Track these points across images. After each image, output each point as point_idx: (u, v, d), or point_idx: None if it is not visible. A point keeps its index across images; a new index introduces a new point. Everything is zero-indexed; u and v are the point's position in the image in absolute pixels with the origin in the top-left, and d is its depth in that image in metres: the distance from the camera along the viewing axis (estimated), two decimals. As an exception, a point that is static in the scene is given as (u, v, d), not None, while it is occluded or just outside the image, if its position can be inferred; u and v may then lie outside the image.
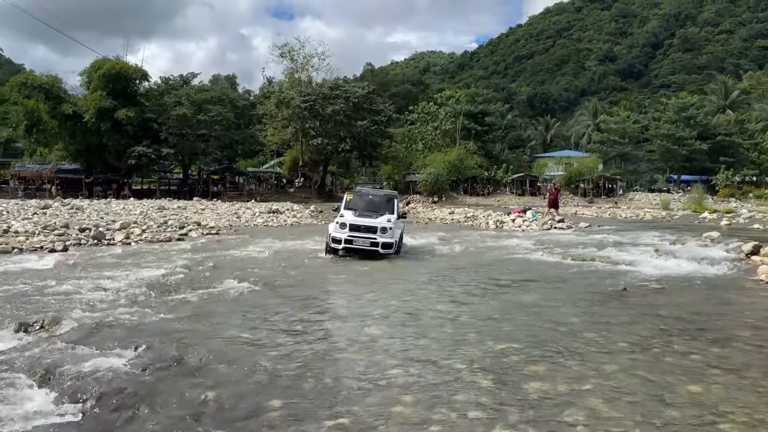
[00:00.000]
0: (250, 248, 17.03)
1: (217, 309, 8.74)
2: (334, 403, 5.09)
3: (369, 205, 15.83)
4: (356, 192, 16.93)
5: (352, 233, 14.53)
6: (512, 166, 67.11)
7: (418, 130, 65.49)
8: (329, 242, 14.84)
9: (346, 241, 14.54)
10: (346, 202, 15.88)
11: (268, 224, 26.75)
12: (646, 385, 5.62)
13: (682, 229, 25.51)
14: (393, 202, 16.19)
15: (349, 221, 14.75)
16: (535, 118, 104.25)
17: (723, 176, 58.26)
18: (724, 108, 73.94)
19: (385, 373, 5.86)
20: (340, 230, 14.62)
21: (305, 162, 57.88)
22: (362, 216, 14.98)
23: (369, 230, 14.61)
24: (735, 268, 13.61)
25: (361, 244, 14.53)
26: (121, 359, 6.04)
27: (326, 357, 6.40)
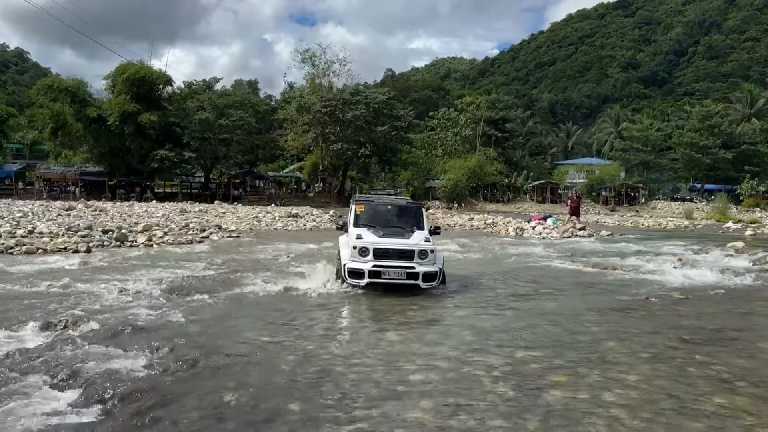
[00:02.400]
0: (270, 251, 17.12)
1: (237, 311, 8.80)
2: (353, 408, 5.08)
3: (389, 220, 11.36)
4: (367, 202, 11.78)
5: (380, 261, 10.16)
6: (533, 173, 66.73)
7: (438, 136, 65.42)
8: (344, 274, 10.36)
9: (371, 274, 10.08)
10: (355, 215, 11.31)
11: (287, 228, 26.87)
12: (669, 395, 5.54)
13: (706, 239, 25.13)
14: (420, 214, 11.59)
15: (372, 244, 10.23)
16: (556, 125, 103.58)
17: (747, 185, 57.31)
18: (749, 116, 72.75)
19: (405, 378, 5.85)
20: (359, 258, 10.14)
21: (325, 167, 58.09)
22: (388, 236, 10.52)
23: (402, 256, 10.24)
24: (760, 279, 13.38)
25: (393, 277, 10.13)
26: (142, 360, 6.11)
27: (345, 362, 6.40)
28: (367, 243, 10.29)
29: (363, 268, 10.11)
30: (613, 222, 40.53)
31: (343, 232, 11.55)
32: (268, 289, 10.67)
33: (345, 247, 10.78)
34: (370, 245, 10.25)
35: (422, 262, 10.27)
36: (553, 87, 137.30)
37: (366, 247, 10.24)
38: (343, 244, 11.24)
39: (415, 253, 10.29)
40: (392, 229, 10.96)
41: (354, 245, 10.26)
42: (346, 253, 10.50)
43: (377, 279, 10.14)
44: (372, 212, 11.44)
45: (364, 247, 10.24)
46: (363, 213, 11.35)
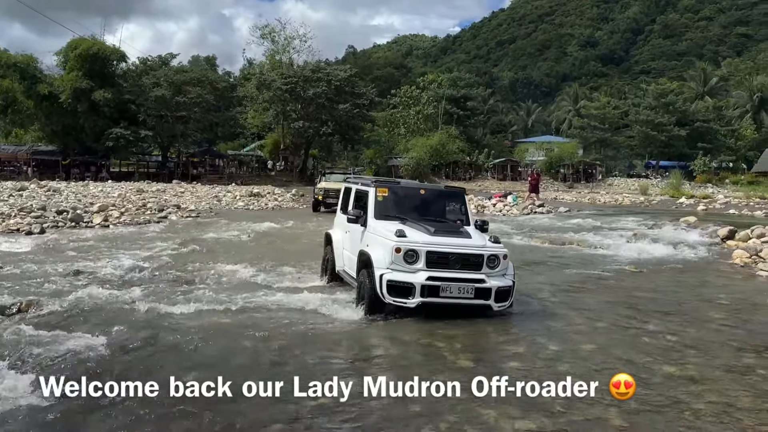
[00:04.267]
0: (232, 231, 16.93)
1: (199, 292, 8.69)
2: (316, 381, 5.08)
3: (424, 211, 8.27)
4: (392, 184, 8.71)
5: (436, 272, 7.03)
6: (494, 151, 67.30)
7: (401, 114, 65.30)
8: (381, 290, 7.04)
9: (426, 290, 6.97)
10: (375, 203, 8.06)
11: (249, 207, 26.62)
12: (624, 364, 5.73)
13: (660, 214, 25.88)
14: (464, 202, 8.65)
15: (423, 245, 7.09)
16: (516, 103, 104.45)
17: (700, 162, 59.03)
18: (702, 94, 74.69)
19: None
20: (403, 265, 7.02)
21: (286, 145, 57.47)
22: (441, 233, 7.40)
23: (467, 263, 7.15)
24: (711, 252, 13.88)
25: (456, 294, 7.03)
26: (101, 341, 5.99)
27: (307, 338, 6.41)
28: (416, 243, 7.02)
29: (412, 281, 6.88)
30: (571, 198, 41.39)
31: (358, 224, 8.00)
32: (230, 269, 10.57)
33: (376, 248, 7.30)
34: (422, 247, 6.99)
35: (492, 272, 7.12)
36: (513, 65, 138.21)
37: (415, 249, 6.96)
38: (347, 240, 8.53)
39: (484, 260, 7.09)
40: (436, 224, 7.70)
41: (396, 246, 6.96)
42: (380, 255, 7.13)
43: (434, 298, 6.94)
44: (400, 199, 8.23)
45: (411, 250, 6.96)
46: (387, 200, 8.10)
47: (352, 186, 9.04)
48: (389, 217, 7.84)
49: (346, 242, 8.63)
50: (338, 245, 8.91)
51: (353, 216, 8.04)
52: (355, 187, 8.84)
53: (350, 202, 8.80)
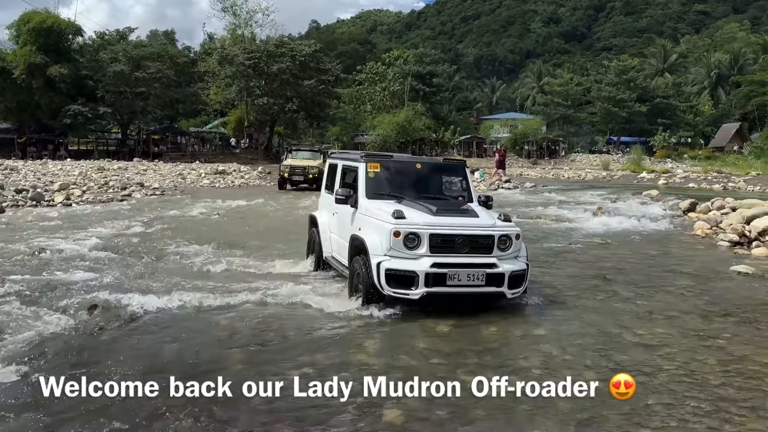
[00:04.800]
0: (200, 209, 16.68)
1: (171, 269, 8.57)
2: (295, 354, 5.09)
3: (422, 187, 7.40)
4: (385, 159, 7.68)
5: (441, 257, 6.13)
6: (459, 128, 67.59)
7: (366, 91, 64.91)
8: (378, 281, 6.15)
9: (431, 279, 6.04)
10: (366, 180, 7.11)
11: (214, 185, 26.25)
12: (598, 330, 5.89)
13: (623, 189, 26.48)
14: (465, 176, 7.75)
15: (425, 227, 6.18)
16: (481, 80, 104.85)
17: (660, 138, 60.34)
18: (662, 71, 76.12)
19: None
20: (404, 251, 6.14)
21: (250, 122, 56.59)
22: (444, 212, 6.46)
23: (475, 246, 6.26)
24: (673, 224, 14.30)
25: (465, 282, 6.12)
26: (73, 320, 5.88)
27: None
28: (417, 225, 6.10)
29: (415, 269, 5.98)
30: (536, 174, 41.97)
31: (347, 205, 7.05)
32: (200, 247, 10.42)
33: (370, 231, 6.42)
34: (424, 229, 6.08)
35: (504, 255, 6.27)
36: (477, 42, 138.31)
37: (416, 232, 6.06)
38: (334, 223, 7.69)
39: (495, 241, 6.22)
40: (437, 202, 6.82)
41: (395, 229, 6.04)
42: (375, 240, 6.24)
43: (440, 287, 6.01)
44: (394, 175, 7.31)
45: (412, 233, 6.06)
46: (379, 176, 7.16)
47: (337, 162, 8.01)
48: (383, 195, 6.94)
49: (333, 225, 7.73)
50: (325, 229, 8.00)
51: (342, 196, 6.99)
52: (342, 162, 7.84)
53: (336, 180, 7.82)
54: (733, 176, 34.41)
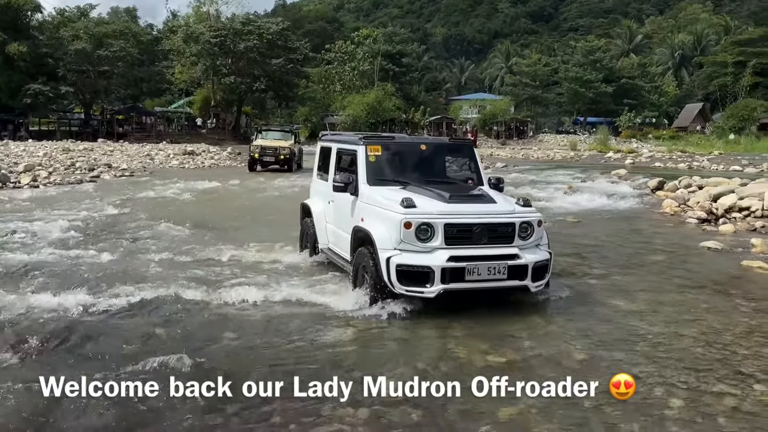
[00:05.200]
0: (172, 190, 16.44)
1: (150, 249, 8.48)
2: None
3: (428, 170, 6.73)
4: (385, 141, 6.92)
5: (458, 249, 5.52)
6: (429, 109, 67.61)
7: (336, 71, 64.30)
8: (388, 277, 5.49)
9: (448, 275, 5.42)
10: (368, 167, 6.42)
11: (184, 166, 25.86)
12: (577, 304, 6.08)
13: (591, 168, 26.98)
14: (474, 157, 7.09)
15: (439, 216, 5.54)
16: (450, 60, 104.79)
17: (626, 118, 61.36)
18: (628, 52, 77.14)
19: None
20: (416, 243, 5.49)
21: (217, 102, 55.70)
22: (458, 199, 5.85)
23: (495, 234, 5.66)
24: (642, 203, 14.68)
25: (486, 276, 5.53)
26: (60, 301, 5.78)
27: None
28: (430, 215, 5.47)
29: (430, 264, 5.36)
30: (506, 155, 42.40)
31: (346, 192, 6.37)
32: (176, 227, 10.31)
33: (366, 220, 5.94)
34: (438, 219, 5.46)
35: (525, 244, 5.68)
36: (446, 21, 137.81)
37: (429, 222, 5.43)
38: (331, 213, 7.06)
39: (516, 229, 5.63)
40: (447, 187, 6.20)
41: (406, 220, 5.40)
42: (382, 232, 5.60)
43: (458, 283, 5.42)
44: (397, 158, 6.69)
45: (425, 224, 5.42)
46: (380, 160, 6.50)
47: (331, 145, 7.26)
48: (385, 181, 6.31)
49: (330, 215, 7.11)
50: (319, 219, 7.35)
51: (341, 183, 6.36)
52: (337, 145, 7.10)
53: (331, 165, 7.12)
54: (696, 155, 35.33)
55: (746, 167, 26.32)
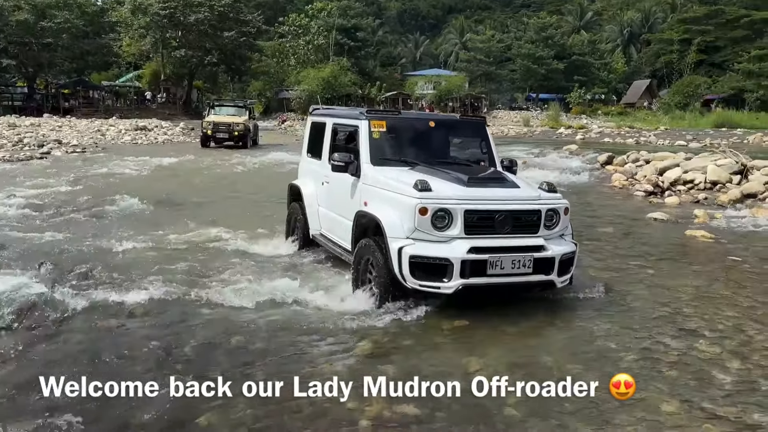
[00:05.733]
0: (127, 166, 16.18)
1: (113, 225, 8.44)
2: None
3: (438, 150, 6.17)
4: (390, 117, 6.16)
5: (479, 239, 4.87)
6: (385, 84, 67.49)
7: (290, 44, 63.35)
8: (398, 269, 4.84)
9: (469, 268, 4.77)
10: (371, 144, 5.76)
11: (137, 142, 25.34)
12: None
13: (543, 144, 27.62)
14: (487, 136, 6.40)
15: (458, 201, 4.87)
16: (404, 35, 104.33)
17: (576, 94, 62.60)
18: (578, 29, 78.35)
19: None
20: (432, 232, 4.83)
21: (167, 76, 54.24)
22: (477, 182, 5.22)
23: (520, 224, 5.03)
24: (593, 177, 15.25)
25: (510, 270, 4.90)
26: (25, 278, 5.77)
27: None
28: (448, 200, 4.85)
29: (448, 256, 4.74)
30: (461, 130, 42.71)
31: (346, 174, 5.71)
32: (137, 203, 10.24)
33: (371, 205, 5.32)
34: (457, 204, 4.83)
35: (550, 234, 5.11)
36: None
37: (447, 208, 4.80)
38: (325, 195, 6.42)
39: (542, 217, 5.04)
40: (461, 167, 5.69)
41: (421, 205, 4.78)
42: (391, 218, 4.96)
43: (479, 278, 4.81)
44: (403, 135, 6.04)
45: (443, 210, 4.80)
46: (385, 137, 5.85)
47: (325, 120, 6.59)
48: (390, 161, 5.69)
49: (323, 198, 6.47)
50: (311, 202, 6.66)
51: (340, 162, 5.66)
52: (332, 120, 6.44)
53: (325, 143, 6.45)
54: (644, 131, 36.52)
55: (690, 142, 27.44)
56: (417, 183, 4.89)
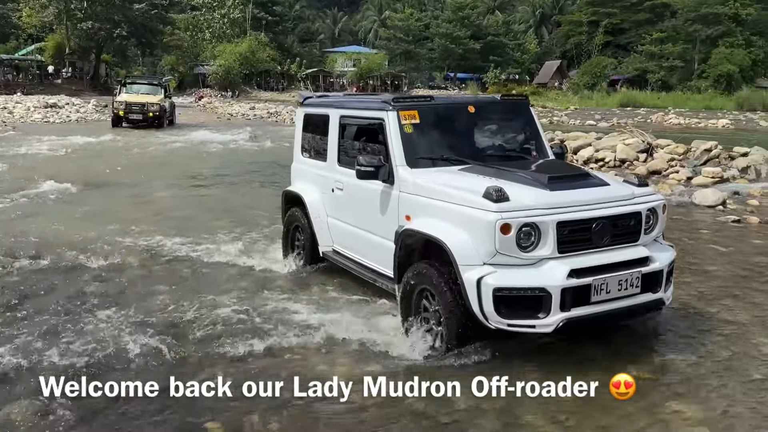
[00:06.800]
0: (44, 146, 15.49)
1: (43, 210, 8.24)
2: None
3: (483, 144, 4.99)
4: (423, 105, 4.69)
5: (578, 257, 3.76)
6: (305, 61, 66.71)
7: (204, 18, 61.29)
8: (478, 306, 3.68)
9: (571, 297, 3.66)
10: (405, 142, 4.44)
11: (49, 120, 24.06)
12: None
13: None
14: (531, 118, 5.13)
15: (548, 212, 3.71)
16: (322, 10, 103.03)
17: (492, 74, 64.40)
18: (493, 9, 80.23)
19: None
20: (520, 254, 3.68)
21: (72, 49, 51.28)
22: (559, 182, 3.99)
23: (619, 232, 3.93)
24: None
25: (617, 294, 3.80)
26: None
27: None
28: (532, 209, 3.74)
29: (544, 285, 3.67)
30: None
31: (377, 179, 4.49)
32: (63, 186, 9.97)
33: (418, 219, 4.17)
34: (547, 216, 3.73)
35: (648, 238, 4.15)
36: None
37: (535, 222, 3.71)
38: (337, 205, 5.23)
39: (642, 218, 4.06)
40: (522, 163, 4.69)
41: (503, 221, 3.63)
42: (459, 240, 3.81)
43: (583, 308, 3.75)
44: (441, 127, 4.79)
45: (530, 225, 3.70)
46: (420, 131, 4.59)
47: (327, 111, 5.37)
48: (429, 161, 4.49)
49: (334, 207, 5.28)
50: (318, 212, 5.45)
51: (370, 167, 4.42)
52: (338, 112, 5.21)
53: (331, 141, 5.25)
54: (555, 110, 38.25)
55: (599, 122, 29.12)
56: (490, 191, 3.68)
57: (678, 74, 53.02)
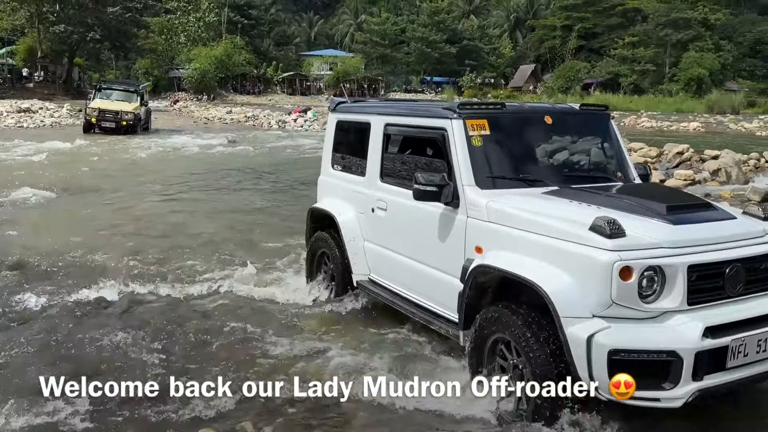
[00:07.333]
0: (18, 151, 15.30)
1: (22, 216, 8.16)
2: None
3: (565, 161, 4.15)
4: (494, 113, 3.97)
5: (710, 309, 2.98)
6: (281, 64, 66.54)
7: (179, 21, 60.74)
8: (588, 371, 2.87)
9: (706, 362, 2.84)
10: (473, 158, 3.66)
11: (22, 125, 23.74)
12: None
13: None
14: (611, 132, 4.39)
15: (677, 252, 2.94)
16: (298, 13, 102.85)
17: (468, 78, 64.99)
18: (468, 13, 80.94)
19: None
20: (640, 305, 2.87)
21: (45, 53, 50.46)
22: (678, 215, 3.15)
23: (755, 277, 3.15)
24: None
25: (756, 357, 2.98)
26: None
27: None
28: (656, 248, 2.94)
29: (676, 347, 2.80)
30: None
31: (438, 202, 3.72)
32: (43, 193, 9.87)
33: (494, 253, 3.36)
34: (675, 256, 2.93)
35: None
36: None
37: (660, 265, 2.89)
38: (378, 229, 4.52)
39: None
40: (617, 187, 3.95)
41: (623, 263, 2.81)
42: (561, 285, 2.96)
43: (718, 375, 2.91)
44: (515, 139, 4.05)
45: (655, 268, 2.88)
46: (490, 144, 3.82)
47: (369, 119, 4.65)
48: (503, 181, 3.75)
49: (374, 230, 4.58)
50: (353, 235, 4.72)
51: (430, 186, 3.65)
52: (383, 120, 4.49)
53: (371, 153, 4.54)
54: (531, 114, 38.60)
55: (574, 125, 29.49)
56: (601, 223, 2.91)
57: (650, 78, 54.11)
